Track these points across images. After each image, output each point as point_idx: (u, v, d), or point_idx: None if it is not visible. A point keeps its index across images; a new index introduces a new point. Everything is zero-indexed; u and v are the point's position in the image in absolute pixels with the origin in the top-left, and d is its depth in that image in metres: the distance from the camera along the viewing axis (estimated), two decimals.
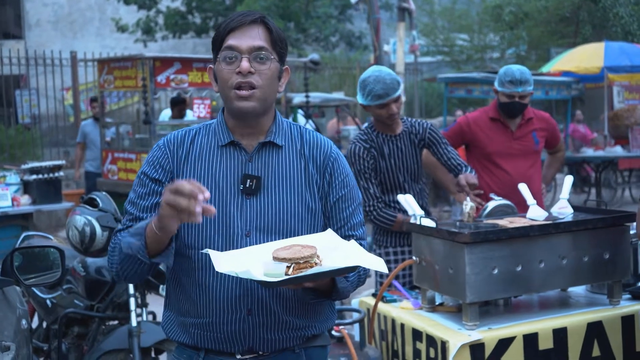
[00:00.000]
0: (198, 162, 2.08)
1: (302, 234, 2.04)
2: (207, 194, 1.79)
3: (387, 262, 3.87)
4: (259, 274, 1.84)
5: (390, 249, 3.93)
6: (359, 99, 3.89)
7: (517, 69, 4.32)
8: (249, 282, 1.99)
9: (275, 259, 1.87)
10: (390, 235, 3.93)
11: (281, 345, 2.07)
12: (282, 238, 2.02)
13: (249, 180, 2.04)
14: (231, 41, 2.02)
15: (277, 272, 1.84)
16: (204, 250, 1.95)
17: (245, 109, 2.02)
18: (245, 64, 1.99)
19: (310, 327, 2.11)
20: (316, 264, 1.85)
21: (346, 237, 2.08)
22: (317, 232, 2.09)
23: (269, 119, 2.11)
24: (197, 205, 1.77)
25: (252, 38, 2.02)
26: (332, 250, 1.93)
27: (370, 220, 3.88)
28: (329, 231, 2.03)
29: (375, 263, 1.90)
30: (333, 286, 2.02)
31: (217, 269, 1.86)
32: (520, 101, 4.31)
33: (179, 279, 2.09)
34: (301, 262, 1.83)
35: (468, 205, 3.41)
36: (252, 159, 2.08)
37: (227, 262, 1.88)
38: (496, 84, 4.38)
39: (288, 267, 1.84)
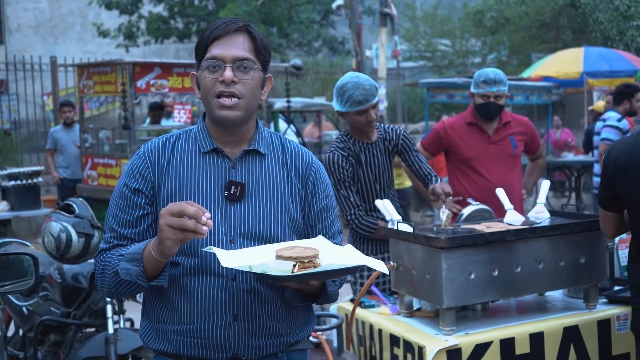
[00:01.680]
0: (180, 169, 2.06)
1: (284, 241, 2.05)
2: (209, 214, 1.82)
3: (367, 269, 3.86)
4: (272, 270, 1.87)
5: (370, 256, 3.91)
6: (336, 106, 3.81)
7: (491, 70, 4.34)
8: (235, 287, 2.00)
9: (279, 257, 1.90)
10: (368, 242, 3.91)
11: (265, 352, 2.08)
12: (266, 244, 2.03)
13: (233, 187, 2.04)
14: (215, 50, 2.01)
15: (282, 270, 1.88)
16: (207, 249, 1.94)
17: (228, 118, 2.01)
18: (228, 74, 1.99)
19: (293, 333, 2.13)
20: (319, 264, 1.90)
21: None
22: (297, 239, 2.10)
23: (251, 127, 2.11)
24: (203, 225, 1.79)
25: (235, 48, 2.01)
26: (329, 253, 1.97)
27: (352, 228, 3.86)
28: (320, 237, 2.06)
29: (377, 264, 1.97)
30: (322, 290, 2.05)
31: (223, 264, 1.86)
32: (496, 101, 4.31)
33: (158, 285, 2.06)
34: (305, 261, 1.88)
35: (445, 213, 3.42)
36: (235, 166, 2.07)
37: (234, 259, 1.90)
38: (471, 87, 4.40)
39: (293, 266, 1.87)
